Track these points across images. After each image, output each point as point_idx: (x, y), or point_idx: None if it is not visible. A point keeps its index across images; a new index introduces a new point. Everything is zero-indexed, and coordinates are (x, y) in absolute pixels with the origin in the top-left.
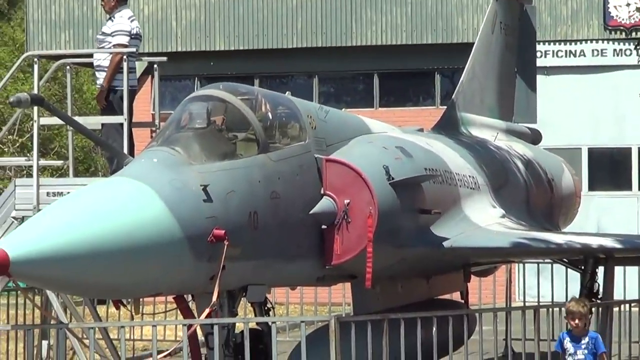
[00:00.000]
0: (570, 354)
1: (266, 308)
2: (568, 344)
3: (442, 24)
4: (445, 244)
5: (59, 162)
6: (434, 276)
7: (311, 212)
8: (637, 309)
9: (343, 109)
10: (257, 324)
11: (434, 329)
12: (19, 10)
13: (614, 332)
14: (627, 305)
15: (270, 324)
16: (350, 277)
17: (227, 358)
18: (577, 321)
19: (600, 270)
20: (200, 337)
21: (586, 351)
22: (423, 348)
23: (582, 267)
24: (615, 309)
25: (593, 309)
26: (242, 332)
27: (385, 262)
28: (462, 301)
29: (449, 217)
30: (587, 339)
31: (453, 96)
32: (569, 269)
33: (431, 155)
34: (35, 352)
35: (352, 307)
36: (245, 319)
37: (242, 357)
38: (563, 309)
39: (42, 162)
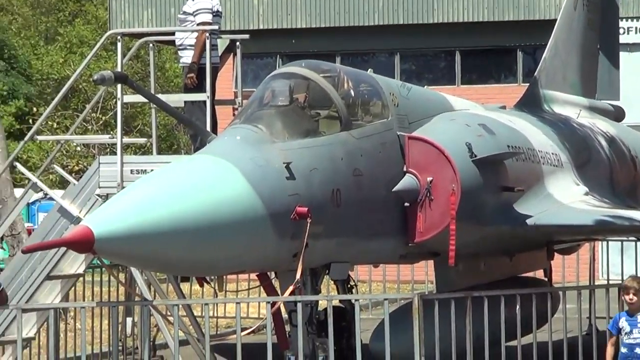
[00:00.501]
0: (626, 333)
1: (349, 286)
2: (624, 323)
3: (523, 0)
4: (529, 221)
5: (142, 140)
6: (517, 254)
7: (394, 189)
8: None
9: (425, 87)
10: (340, 301)
11: (517, 307)
12: None
13: None
14: None
15: (353, 301)
16: (433, 255)
17: (310, 335)
18: (631, 295)
19: None
20: (284, 314)
21: None
22: (506, 326)
23: None
24: None
25: None
26: (325, 309)
27: (468, 239)
28: (546, 279)
29: (532, 194)
30: None
31: (535, 73)
32: None
33: (514, 132)
34: (119, 328)
35: (434, 285)
36: (328, 296)
37: (325, 334)
38: None
39: (126, 139)
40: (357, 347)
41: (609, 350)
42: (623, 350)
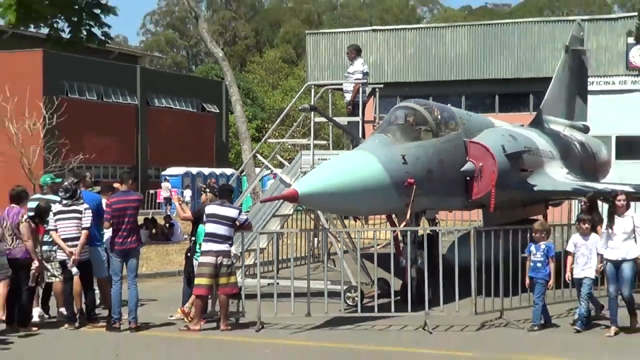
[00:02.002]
0: (533, 254)
1: (435, 222)
2: (532, 248)
3: (534, 64)
4: (535, 188)
5: (324, 142)
6: (528, 206)
7: (461, 170)
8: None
9: (479, 113)
10: (430, 230)
11: (528, 235)
12: (302, 58)
13: None
14: None
15: (437, 231)
16: (482, 206)
17: (414, 249)
18: (537, 234)
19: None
20: (400, 237)
21: (542, 253)
22: (520, 245)
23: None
24: None
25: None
26: (422, 235)
27: (501, 198)
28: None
29: (537, 174)
30: (544, 246)
31: (540, 106)
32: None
33: (527, 139)
34: (310, 245)
35: (482, 222)
36: (424, 228)
37: (422, 248)
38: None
39: (315, 141)
40: (440, 256)
41: (527, 264)
42: (532, 265)
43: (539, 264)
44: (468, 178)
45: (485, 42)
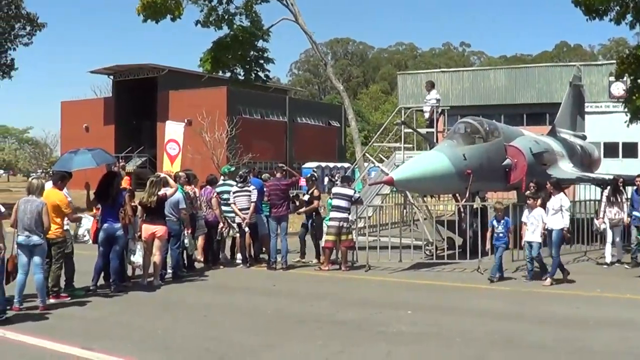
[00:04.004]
0: (495, 227)
1: (485, 199)
2: (495, 223)
3: (549, 94)
4: (551, 177)
5: (410, 145)
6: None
7: (502, 164)
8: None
9: (515, 127)
10: (482, 204)
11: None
12: (395, 90)
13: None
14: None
15: (487, 205)
16: (516, 189)
17: (470, 217)
18: (499, 212)
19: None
20: (461, 209)
21: (502, 226)
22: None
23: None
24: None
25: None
26: (476, 208)
27: (529, 183)
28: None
29: (553, 167)
30: (503, 221)
31: (554, 122)
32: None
33: (546, 143)
34: (401, 214)
35: (516, 199)
36: (477, 203)
37: (476, 217)
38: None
39: (405, 145)
40: (489, 223)
41: (488, 235)
42: (495, 235)
43: (500, 234)
44: (507, 169)
45: (517, 79)
